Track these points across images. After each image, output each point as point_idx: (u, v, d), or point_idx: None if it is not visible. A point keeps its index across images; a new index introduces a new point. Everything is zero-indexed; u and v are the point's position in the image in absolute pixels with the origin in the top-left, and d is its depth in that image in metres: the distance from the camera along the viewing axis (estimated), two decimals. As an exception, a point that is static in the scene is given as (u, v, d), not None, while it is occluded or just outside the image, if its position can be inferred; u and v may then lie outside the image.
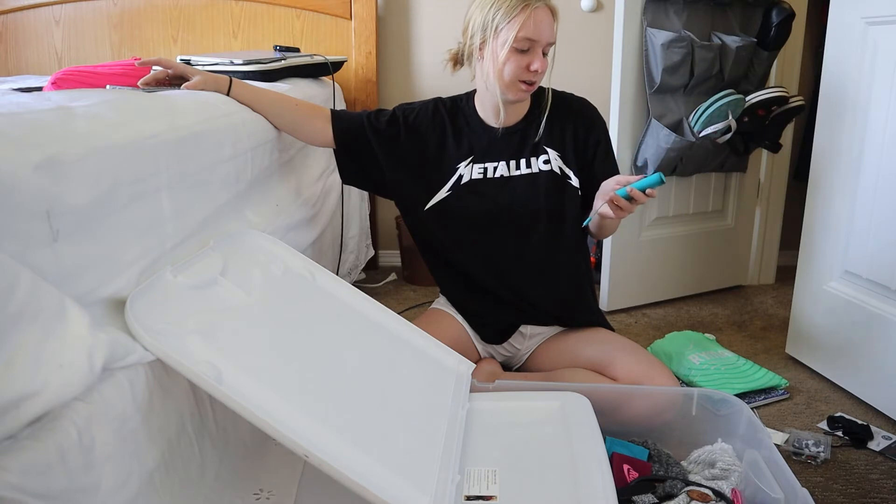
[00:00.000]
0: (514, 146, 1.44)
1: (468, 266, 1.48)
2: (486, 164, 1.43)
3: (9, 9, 2.36)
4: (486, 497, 0.94)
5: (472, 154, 1.44)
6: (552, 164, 1.43)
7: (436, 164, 1.45)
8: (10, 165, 0.67)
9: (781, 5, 2.03)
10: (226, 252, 1.09)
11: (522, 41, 1.29)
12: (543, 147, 1.43)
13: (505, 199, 1.43)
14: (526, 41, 1.30)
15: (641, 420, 1.26)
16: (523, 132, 1.44)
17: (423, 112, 1.47)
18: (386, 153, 1.46)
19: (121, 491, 0.74)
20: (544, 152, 1.43)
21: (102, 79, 1.29)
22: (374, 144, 1.46)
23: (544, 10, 1.31)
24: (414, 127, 1.45)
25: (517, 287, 1.47)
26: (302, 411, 0.88)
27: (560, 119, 1.44)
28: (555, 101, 1.44)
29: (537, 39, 1.30)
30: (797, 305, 1.83)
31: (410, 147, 1.45)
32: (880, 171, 1.55)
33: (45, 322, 0.67)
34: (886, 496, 1.26)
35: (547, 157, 1.43)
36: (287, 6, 2.39)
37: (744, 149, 2.17)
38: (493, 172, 1.43)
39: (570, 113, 1.45)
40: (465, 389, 1.19)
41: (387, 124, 1.46)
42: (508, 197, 1.42)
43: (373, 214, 2.47)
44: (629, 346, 1.42)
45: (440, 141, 1.45)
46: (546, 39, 1.31)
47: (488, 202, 1.43)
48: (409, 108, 1.49)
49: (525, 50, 1.31)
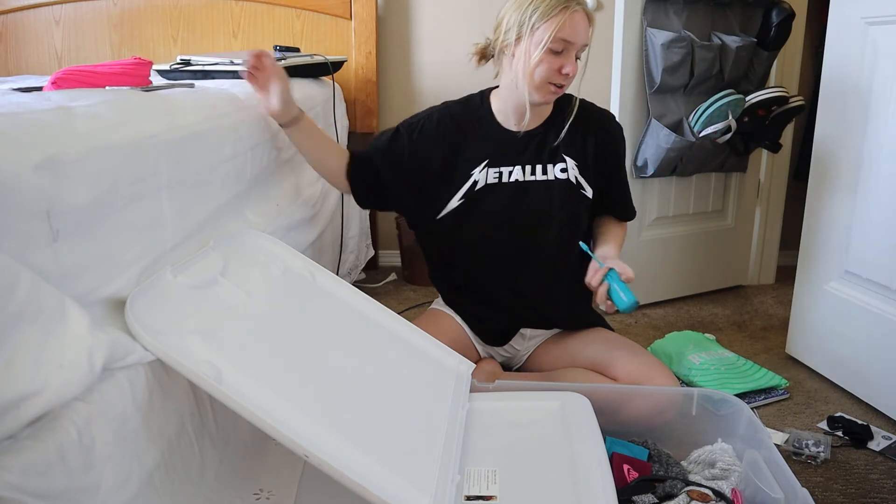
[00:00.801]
0: (531, 150, 1.41)
1: (475, 268, 1.46)
2: (502, 169, 1.40)
3: (9, 9, 2.36)
4: (486, 497, 0.94)
5: (487, 158, 1.41)
6: (569, 173, 1.41)
7: (445, 176, 1.41)
8: (10, 165, 0.67)
9: (781, 5, 2.03)
10: (226, 252, 1.09)
11: (558, 42, 1.28)
12: (562, 154, 1.41)
13: (519, 204, 1.40)
14: (562, 42, 1.28)
15: (641, 420, 1.26)
16: (543, 136, 1.41)
17: (427, 124, 1.43)
18: (394, 175, 1.43)
19: (121, 491, 0.74)
20: (562, 160, 1.41)
21: (102, 79, 1.28)
22: (381, 168, 1.44)
23: (582, 14, 1.30)
24: (418, 143, 1.42)
25: (522, 291, 1.46)
26: (302, 411, 0.88)
27: (583, 128, 1.41)
28: (580, 108, 1.42)
29: (573, 41, 1.29)
30: (797, 305, 1.83)
31: (416, 164, 1.41)
32: (880, 171, 1.55)
33: (45, 322, 0.67)
34: (886, 496, 1.26)
35: (564, 164, 1.41)
36: (287, 6, 2.39)
37: (744, 149, 2.17)
38: (509, 177, 1.40)
39: (594, 123, 1.43)
40: (465, 389, 1.19)
41: (389, 143, 1.43)
42: (522, 203, 1.40)
43: (373, 214, 2.47)
44: (629, 346, 1.42)
45: (448, 152, 1.42)
46: (581, 42, 1.31)
47: (502, 207, 1.40)
48: (412, 123, 1.45)
49: (559, 52, 1.29)
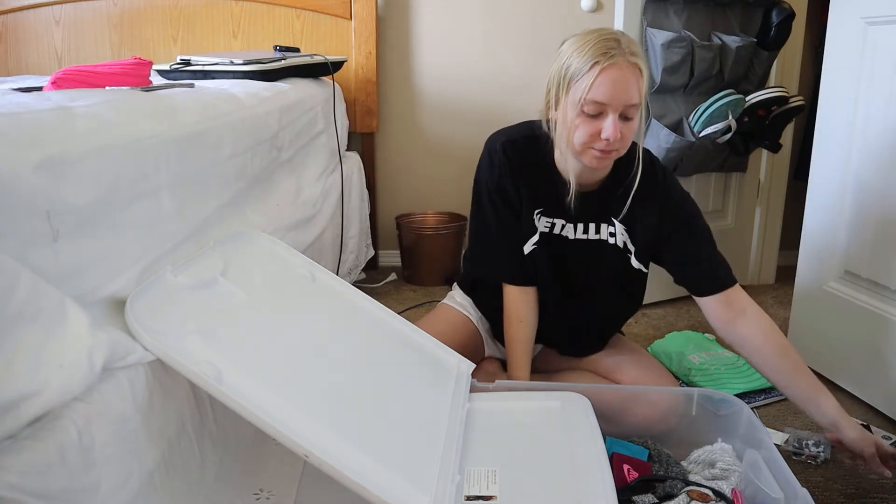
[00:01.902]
0: (585, 212, 1.30)
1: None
2: (554, 220, 1.31)
3: (9, 9, 2.36)
4: (486, 497, 0.94)
5: (541, 207, 1.31)
6: (617, 239, 1.31)
7: (523, 215, 1.33)
8: (10, 165, 0.67)
9: (781, 5, 2.03)
10: (226, 252, 1.09)
11: (591, 105, 1.13)
12: (612, 219, 1.31)
13: (566, 260, 1.33)
14: (595, 105, 1.13)
15: (642, 427, 1.25)
16: (599, 200, 1.29)
17: (503, 173, 1.30)
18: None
19: (121, 491, 0.74)
20: (612, 224, 1.31)
21: (102, 79, 1.28)
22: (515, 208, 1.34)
23: (620, 68, 1.11)
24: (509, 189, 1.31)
25: (556, 326, 1.41)
26: (302, 411, 0.88)
27: (640, 194, 1.27)
28: (642, 177, 1.25)
29: (608, 103, 1.12)
30: (797, 305, 1.83)
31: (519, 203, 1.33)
32: (880, 171, 1.55)
33: (45, 322, 0.67)
34: (886, 496, 1.26)
35: (613, 229, 1.31)
36: (287, 6, 2.39)
37: (744, 149, 2.17)
38: (561, 230, 1.32)
39: (653, 192, 1.27)
40: (465, 389, 1.19)
41: (508, 193, 1.32)
42: (570, 259, 1.33)
43: (373, 214, 2.47)
44: (635, 352, 1.41)
45: (520, 193, 1.32)
46: (622, 102, 1.12)
47: (553, 257, 1.34)
48: (496, 171, 1.31)
49: (595, 115, 1.14)
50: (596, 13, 2.44)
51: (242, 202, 1.31)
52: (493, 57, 2.46)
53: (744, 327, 1.25)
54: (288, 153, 1.59)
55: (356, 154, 2.36)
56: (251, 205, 1.35)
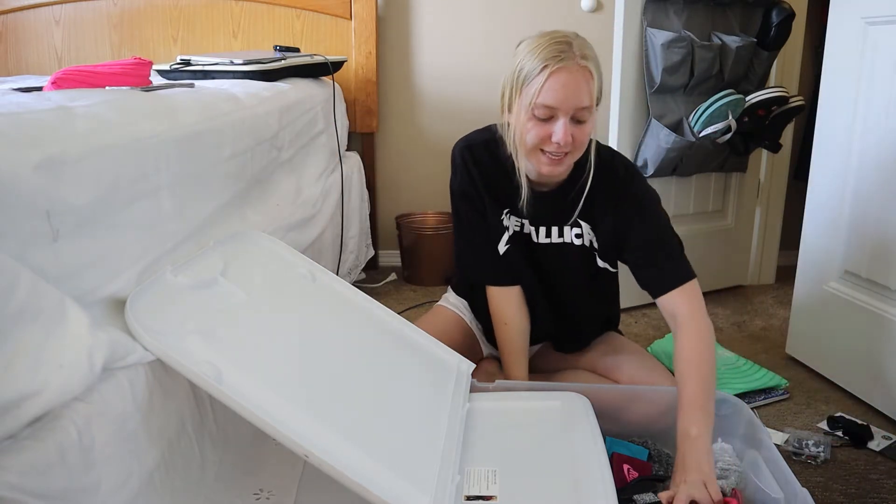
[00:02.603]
0: (545, 213, 1.30)
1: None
2: (522, 220, 1.32)
3: (9, 9, 2.36)
4: (486, 497, 0.94)
5: (507, 207, 1.31)
6: (584, 239, 1.31)
7: (490, 216, 1.34)
8: (10, 165, 0.67)
9: (781, 5, 2.03)
10: (226, 252, 1.09)
11: (540, 108, 1.11)
12: (577, 220, 1.29)
13: (540, 261, 1.34)
14: (544, 109, 1.11)
15: (641, 425, 1.25)
16: (555, 201, 1.28)
17: (462, 177, 1.33)
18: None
19: (121, 491, 0.74)
20: (577, 224, 1.30)
21: (102, 79, 1.28)
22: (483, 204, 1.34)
23: (570, 71, 1.09)
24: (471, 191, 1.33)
25: (542, 322, 1.41)
26: (302, 411, 0.88)
27: (600, 192, 1.26)
28: (597, 171, 1.24)
29: (557, 106, 1.11)
30: (797, 305, 1.83)
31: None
32: (880, 171, 1.55)
33: (45, 322, 0.67)
34: (886, 496, 1.26)
35: (580, 230, 1.30)
36: (287, 6, 2.39)
37: (744, 149, 2.17)
38: (524, 229, 1.33)
39: (612, 189, 1.26)
40: (465, 389, 1.19)
41: (471, 195, 1.34)
42: (542, 260, 1.34)
43: (373, 214, 2.47)
44: (634, 351, 1.41)
45: (482, 196, 1.33)
46: (572, 106, 1.11)
47: (528, 257, 1.34)
48: (457, 176, 1.34)
49: (546, 119, 1.13)
50: (596, 13, 2.43)
51: (242, 202, 1.31)
52: (493, 57, 2.45)
53: (677, 335, 1.20)
54: (288, 153, 1.59)
55: (356, 154, 2.36)
56: (251, 205, 1.35)
